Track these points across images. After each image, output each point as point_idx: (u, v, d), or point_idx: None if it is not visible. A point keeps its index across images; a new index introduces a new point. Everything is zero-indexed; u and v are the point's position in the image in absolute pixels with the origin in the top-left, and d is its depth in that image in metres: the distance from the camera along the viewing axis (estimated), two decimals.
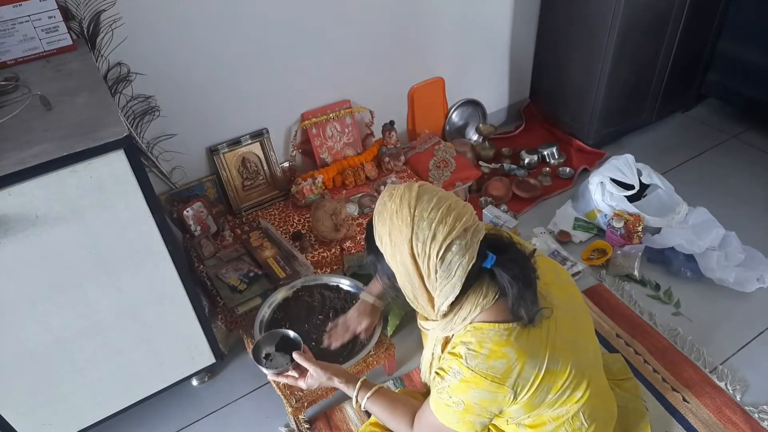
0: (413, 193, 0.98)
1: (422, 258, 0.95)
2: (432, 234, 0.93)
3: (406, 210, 0.95)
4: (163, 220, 1.30)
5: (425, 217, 0.94)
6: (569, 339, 1.05)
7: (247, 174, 2.15)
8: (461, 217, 0.95)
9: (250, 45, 1.93)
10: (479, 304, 0.98)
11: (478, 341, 0.97)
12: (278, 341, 1.41)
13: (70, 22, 1.57)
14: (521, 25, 2.57)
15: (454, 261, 0.93)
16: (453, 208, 0.96)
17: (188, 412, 1.71)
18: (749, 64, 2.52)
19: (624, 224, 2.08)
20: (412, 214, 0.95)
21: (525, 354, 0.96)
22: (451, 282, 0.95)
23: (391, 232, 0.97)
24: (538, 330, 0.99)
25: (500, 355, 0.96)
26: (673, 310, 1.90)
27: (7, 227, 1.11)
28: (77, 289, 1.27)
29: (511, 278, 0.95)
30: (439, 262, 0.94)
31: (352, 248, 2.00)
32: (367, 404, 1.18)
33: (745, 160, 2.54)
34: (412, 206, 0.96)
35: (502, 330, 0.97)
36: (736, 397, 1.63)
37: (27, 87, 1.31)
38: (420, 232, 0.94)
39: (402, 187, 1.01)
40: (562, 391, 1.03)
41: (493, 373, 0.95)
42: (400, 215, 0.96)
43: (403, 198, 0.97)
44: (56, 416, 1.44)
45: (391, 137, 2.32)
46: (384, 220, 0.98)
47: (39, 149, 1.10)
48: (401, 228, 0.95)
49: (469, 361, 0.97)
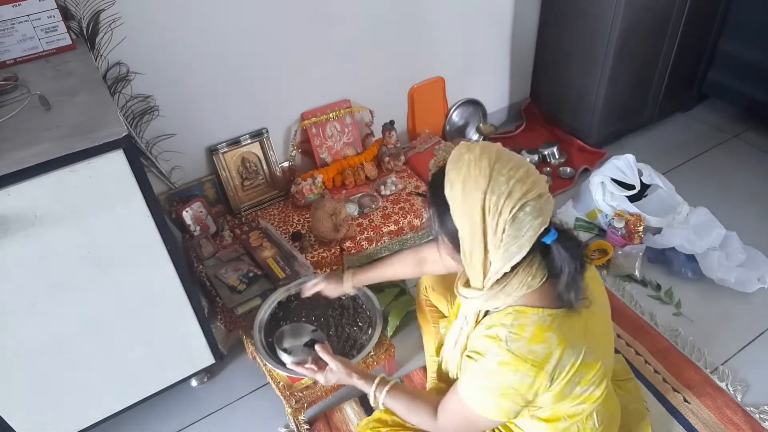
0: (494, 149, 0.96)
1: (493, 213, 0.92)
2: (509, 190, 0.90)
3: (485, 162, 0.93)
4: (162, 220, 1.30)
5: (504, 173, 0.91)
6: (601, 334, 1.05)
7: (246, 174, 2.15)
8: (538, 183, 0.93)
9: (249, 44, 1.93)
10: (526, 283, 0.96)
11: (521, 324, 0.96)
12: (301, 336, 1.41)
13: (70, 21, 1.57)
14: (522, 24, 2.57)
15: (526, 221, 0.91)
16: (532, 173, 0.94)
17: (188, 413, 1.71)
18: (750, 63, 2.51)
19: (625, 224, 2.08)
20: (492, 167, 0.92)
21: (566, 340, 0.95)
22: (518, 242, 0.92)
23: (466, 180, 0.93)
24: (579, 319, 0.98)
25: (542, 340, 0.94)
26: (674, 311, 1.90)
27: (6, 227, 1.10)
28: (76, 289, 1.27)
29: (570, 257, 0.93)
30: (510, 219, 0.91)
31: (352, 248, 2.00)
32: (386, 400, 1.17)
33: (746, 159, 2.54)
34: (492, 160, 0.93)
35: (546, 315, 0.96)
36: (737, 397, 1.62)
37: (26, 87, 1.31)
38: (497, 186, 0.91)
39: (480, 143, 0.98)
40: (588, 386, 1.02)
41: (534, 357, 0.94)
42: (479, 166, 0.93)
43: (484, 151, 0.95)
44: (56, 416, 1.44)
45: (391, 137, 2.32)
46: (460, 168, 0.95)
47: (38, 149, 1.09)
48: (478, 178, 0.92)
49: (510, 344, 0.95)
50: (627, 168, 2.19)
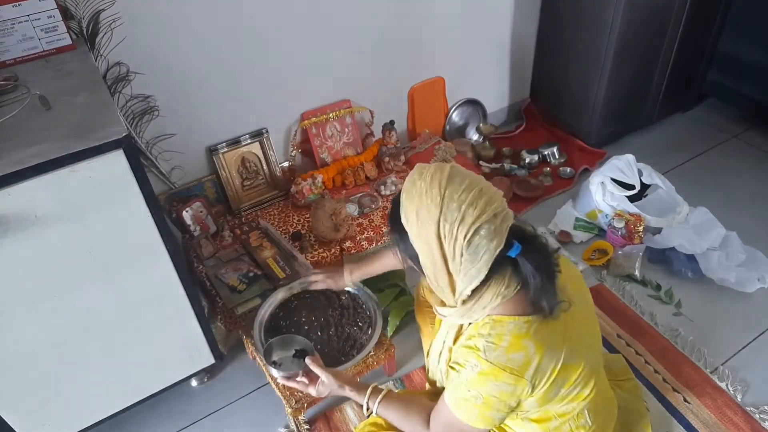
0: (445, 173, 0.95)
1: (449, 240, 0.93)
2: (461, 216, 0.91)
3: (436, 189, 0.93)
4: (162, 220, 1.30)
5: (455, 198, 0.92)
6: (583, 335, 1.05)
7: (246, 174, 2.15)
8: (492, 202, 0.93)
9: (249, 44, 1.93)
10: (500, 293, 0.97)
11: (498, 334, 0.96)
12: (290, 347, 1.40)
13: (70, 21, 1.57)
14: (522, 24, 2.57)
15: (481, 245, 0.92)
16: (484, 192, 0.94)
17: (188, 413, 1.71)
18: (750, 63, 2.51)
19: (625, 224, 2.08)
20: (442, 195, 0.92)
21: (543, 346, 0.96)
22: (476, 266, 0.93)
23: (419, 211, 0.95)
24: (557, 323, 0.98)
25: (519, 348, 0.95)
26: (674, 311, 1.90)
27: (6, 227, 1.10)
28: (76, 289, 1.27)
29: (534, 269, 0.94)
30: (466, 245, 0.92)
31: (352, 248, 2.00)
32: (379, 409, 1.17)
33: (746, 160, 2.54)
34: (443, 186, 0.93)
35: (522, 323, 0.96)
36: (737, 397, 1.63)
37: (26, 87, 1.31)
38: (449, 213, 0.91)
39: (433, 167, 0.98)
40: (573, 386, 1.03)
41: (512, 365, 0.95)
42: (430, 194, 0.93)
43: (434, 177, 0.95)
44: (56, 416, 1.44)
45: (391, 137, 2.32)
46: (412, 197, 0.96)
47: (38, 149, 1.09)
48: (430, 207, 0.93)
49: (488, 354, 0.96)
50: (627, 168, 2.19)
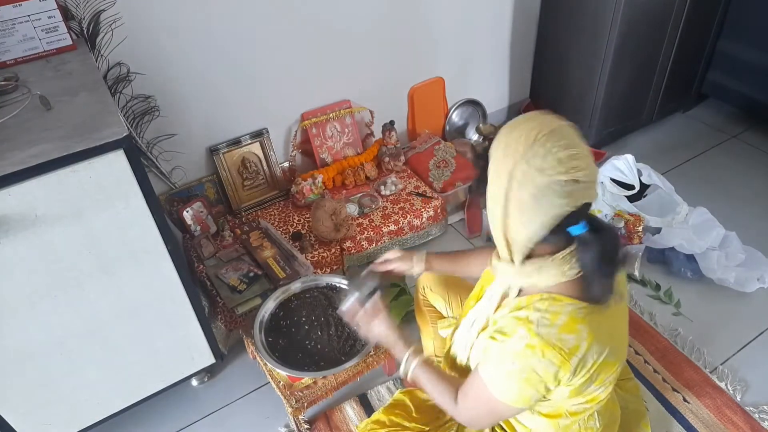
0: (554, 125, 0.93)
1: (519, 181, 0.90)
2: (543, 165, 0.88)
3: (535, 132, 0.91)
4: (162, 220, 1.30)
5: (548, 147, 0.89)
6: (622, 336, 1.04)
7: (247, 174, 2.15)
8: (581, 170, 0.90)
9: (250, 45, 1.93)
10: (564, 272, 0.95)
11: (554, 312, 0.94)
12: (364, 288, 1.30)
13: (70, 21, 1.57)
14: (521, 24, 2.57)
15: (550, 198, 0.88)
16: (578, 158, 0.90)
17: (188, 413, 1.71)
18: (749, 63, 2.51)
19: (624, 224, 2.08)
20: (536, 138, 0.90)
21: (594, 336, 0.94)
22: (538, 219, 0.90)
23: (508, 144, 0.92)
24: (606, 317, 0.97)
25: (573, 330, 0.93)
26: (674, 311, 1.90)
27: (7, 227, 1.11)
28: (77, 289, 1.27)
29: (598, 256, 0.91)
30: (535, 191, 0.89)
31: (352, 248, 2.00)
32: (417, 370, 1.14)
33: (745, 160, 2.54)
34: (543, 133, 0.91)
35: (580, 307, 0.94)
36: (737, 397, 1.63)
37: (27, 87, 1.31)
38: (533, 157, 0.89)
39: (550, 117, 0.96)
40: (600, 386, 1.01)
41: (562, 345, 0.92)
42: (526, 133, 0.91)
43: (542, 124, 0.93)
44: (56, 416, 1.44)
45: (391, 137, 2.32)
46: (512, 130, 0.94)
47: (39, 149, 1.10)
48: (519, 144, 0.90)
49: (540, 328, 0.93)
50: (626, 168, 2.19)
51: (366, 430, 1.26)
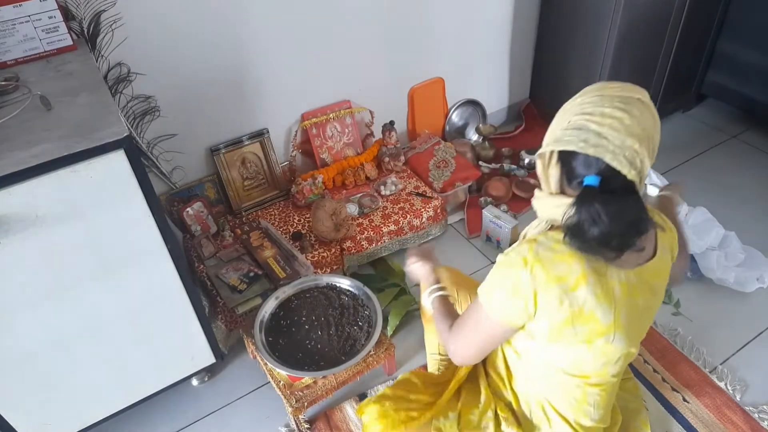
0: (635, 95, 0.98)
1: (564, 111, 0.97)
2: (592, 113, 0.92)
3: (600, 88, 0.97)
4: (163, 220, 1.30)
5: (605, 104, 0.93)
6: (634, 317, 1.02)
7: (247, 174, 2.15)
8: (630, 136, 0.90)
9: (250, 45, 1.93)
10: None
11: (560, 241, 0.96)
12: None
13: (71, 22, 1.58)
14: (521, 24, 2.57)
15: (568, 118, 0.94)
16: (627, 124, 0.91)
17: (188, 412, 1.71)
18: (749, 64, 2.52)
19: None
20: (601, 95, 0.95)
21: (585, 279, 0.95)
22: (558, 134, 0.95)
23: (575, 98, 0.99)
24: (610, 282, 0.97)
25: (567, 262, 0.95)
26: (673, 310, 1.90)
27: (7, 227, 1.11)
28: (77, 289, 1.27)
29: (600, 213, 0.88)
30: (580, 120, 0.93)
31: (352, 248, 2.00)
32: (434, 300, 1.23)
33: (745, 160, 2.55)
34: (610, 88, 0.96)
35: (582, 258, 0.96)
36: (736, 397, 1.63)
37: (27, 87, 1.31)
38: (586, 104, 0.94)
39: (638, 88, 1.01)
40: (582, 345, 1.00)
41: (551, 268, 0.95)
42: (595, 87, 0.98)
43: (624, 89, 0.98)
44: (56, 416, 1.44)
45: (391, 137, 2.32)
46: (584, 93, 0.99)
47: (39, 149, 1.10)
48: (575, 101, 0.97)
49: (540, 249, 0.96)
50: None
51: (370, 402, 1.25)
